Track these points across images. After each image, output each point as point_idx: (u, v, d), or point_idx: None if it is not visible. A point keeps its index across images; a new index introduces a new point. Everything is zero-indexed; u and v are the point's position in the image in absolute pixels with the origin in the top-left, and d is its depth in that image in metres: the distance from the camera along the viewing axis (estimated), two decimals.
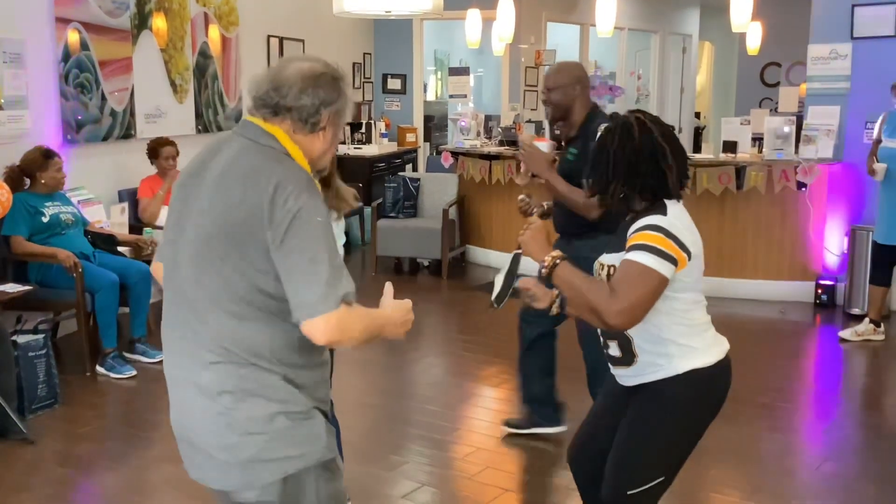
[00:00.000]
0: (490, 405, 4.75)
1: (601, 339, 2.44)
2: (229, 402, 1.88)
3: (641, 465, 2.33)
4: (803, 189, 6.38)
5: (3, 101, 5.15)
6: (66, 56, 5.63)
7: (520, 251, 2.35)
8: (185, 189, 1.98)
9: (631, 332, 2.29)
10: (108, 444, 4.04)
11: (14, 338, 4.26)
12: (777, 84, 11.66)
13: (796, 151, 6.49)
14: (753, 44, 10.80)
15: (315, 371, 1.98)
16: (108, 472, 3.77)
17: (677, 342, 2.29)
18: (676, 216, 2.25)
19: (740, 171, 6.47)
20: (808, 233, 6.50)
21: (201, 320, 1.90)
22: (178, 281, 1.94)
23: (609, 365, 2.45)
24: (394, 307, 2.03)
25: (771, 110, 8.31)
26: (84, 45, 5.77)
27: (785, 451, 4.02)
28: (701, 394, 2.33)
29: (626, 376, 2.38)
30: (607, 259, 2.33)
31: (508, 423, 4.15)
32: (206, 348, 1.89)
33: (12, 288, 4.61)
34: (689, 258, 2.22)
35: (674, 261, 2.18)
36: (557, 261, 2.25)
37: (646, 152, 2.27)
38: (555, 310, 2.53)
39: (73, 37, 5.68)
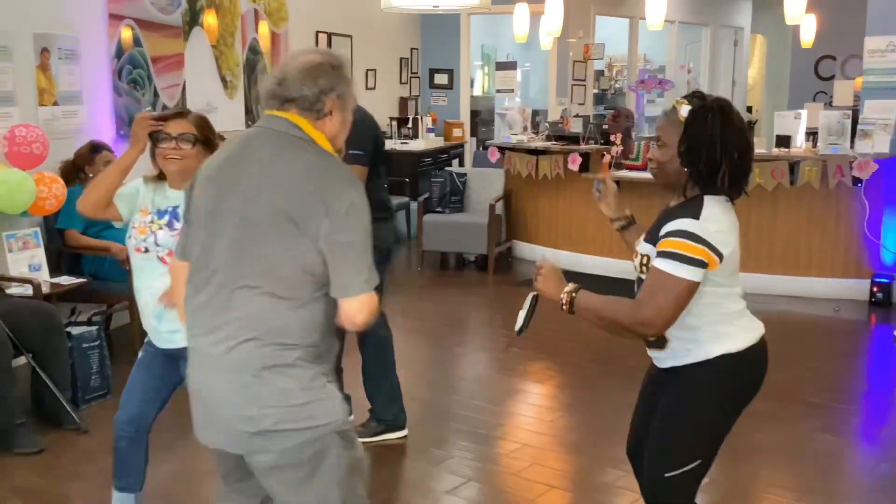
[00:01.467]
0: (535, 401, 4.73)
1: None
2: (252, 378, 2.00)
3: (677, 447, 2.35)
4: (859, 184, 6.23)
5: (58, 96, 5.26)
6: (120, 52, 5.73)
7: (536, 293, 2.41)
8: (216, 182, 2.09)
9: None
10: (159, 435, 4.07)
11: (68, 329, 4.35)
12: (832, 77, 11.39)
13: (852, 146, 6.34)
14: (808, 36, 10.57)
15: (329, 350, 2.13)
16: (159, 462, 3.82)
17: (707, 328, 2.30)
18: (710, 218, 2.22)
19: (794, 166, 6.35)
20: (864, 229, 6.35)
21: (233, 302, 2.01)
22: (211, 266, 2.05)
23: (646, 348, 2.47)
24: None
25: (826, 104, 8.13)
26: (137, 42, 5.87)
27: (838, 452, 3.93)
28: (732, 378, 2.34)
29: (661, 358, 2.40)
30: (642, 248, 2.34)
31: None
32: (234, 327, 2.01)
33: (67, 280, 4.72)
34: (721, 259, 2.21)
35: (703, 263, 2.18)
36: (573, 294, 2.28)
37: (744, 137, 2.26)
38: (617, 224, 2.68)
39: (126, 33, 5.78)
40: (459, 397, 4.65)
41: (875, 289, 6.30)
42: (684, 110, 2.25)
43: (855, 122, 6.41)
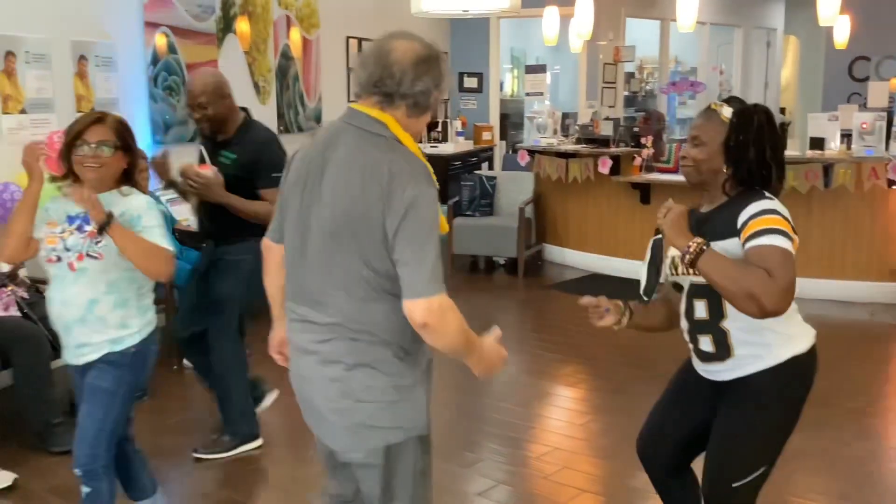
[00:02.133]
0: (566, 404, 4.73)
1: (687, 335, 2.38)
2: (343, 371, 2.05)
3: (748, 457, 2.31)
4: (894, 187, 6.16)
5: (95, 103, 5.35)
6: (155, 59, 5.83)
7: (659, 237, 2.29)
8: (304, 182, 2.09)
9: (728, 326, 2.26)
10: (195, 436, 4.16)
11: None
12: (866, 79, 11.24)
13: (887, 148, 6.26)
14: (841, 37, 10.44)
15: (421, 352, 2.13)
16: (196, 464, 3.88)
17: (776, 330, 2.25)
18: (772, 199, 2.23)
19: (828, 168, 6.28)
20: None
21: (319, 299, 2.07)
22: (300, 268, 2.11)
23: (696, 360, 2.40)
24: (491, 344, 2.22)
25: (860, 106, 8.03)
26: (172, 49, 5.96)
27: (873, 458, 3.89)
28: (801, 380, 2.32)
29: (721, 371, 2.33)
30: (720, 245, 2.21)
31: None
32: (328, 324, 2.06)
33: None
34: (795, 233, 2.19)
35: (792, 238, 2.15)
36: (703, 247, 2.13)
37: (782, 145, 2.29)
38: (625, 322, 2.47)
39: (161, 41, 5.87)
40: (490, 400, 4.67)
41: None
42: (727, 111, 2.25)
43: (890, 123, 6.33)
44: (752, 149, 2.21)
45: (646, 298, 2.34)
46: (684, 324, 2.38)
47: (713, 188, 2.30)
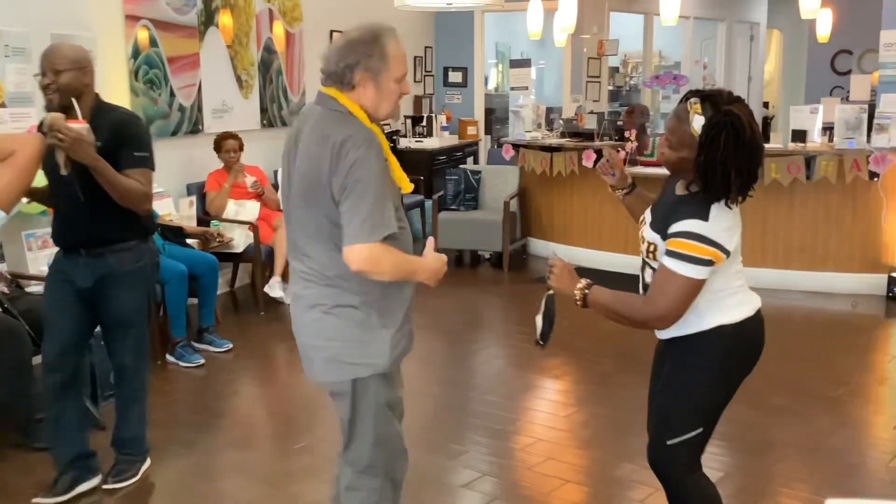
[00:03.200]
0: (550, 396, 4.74)
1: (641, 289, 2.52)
2: (321, 314, 2.41)
3: (678, 416, 2.44)
4: (875, 179, 6.20)
5: None
6: (136, 53, 5.79)
7: (551, 292, 2.47)
8: (288, 154, 2.44)
9: None
10: (177, 431, 4.14)
11: None
12: (848, 72, 11.33)
13: (868, 140, 6.30)
14: (824, 31, 10.50)
15: (392, 299, 2.42)
16: (178, 458, 3.87)
17: (705, 301, 2.37)
18: (718, 218, 2.28)
19: (810, 160, 6.32)
20: (881, 224, 6.31)
21: (303, 252, 2.42)
22: (289, 225, 2.47)
23: None
24: (431, 257, 2.45)
25: (842, 99, 8.08)
26: (153, 42, 5.92)
27: (854, 447, 3.92)
28: (728, 348, 2.40)
29: (664, 330, 2.47)
30: (649, 235, 2.41)
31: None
32: (307, 272, 2.42)
33: None
34: (728, 255, 2.30)
35: (710, 262, 2.27)
36: (587, 290, 2.37)
37: (754, 152, 2.28)
38: (620, 194, 2.80)
39: (142, 34, 5.83)
40: (475, 393, 4.67)
41: (892, 284, 6.26)
42: (697, 123, 2.27)
43: (871, 116, 6.37)
44: (717, 168, 2.24)
45: (542, 343, 2.53)
46: (640, 290, 2.52)
47: (687, 178, 2.38)
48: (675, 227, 2.28)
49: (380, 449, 2.53)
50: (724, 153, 2.23)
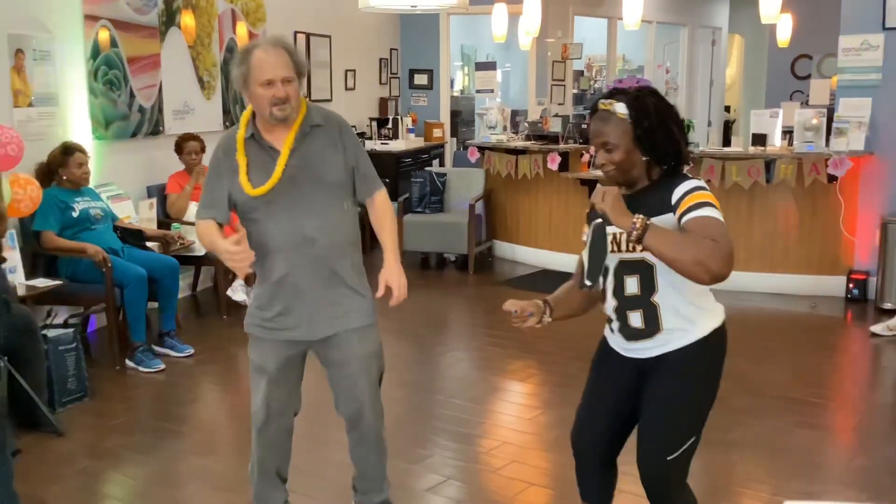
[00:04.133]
0: (516, 399, 4.74)
1: (614, 313, 2.41)
2: None
3: (679, 429, 2.36)
4: (834, 182, 6.30)
5: (33, 98, 5.22)
6: (95, 53, 5.69)
7: (600, 220, 2.23)
8: None
9: (658, 300, 2.31)
10: (137, 437, 4.08)
11: (44, 332, 4.32)
12: (808, 76, 11.49)
13: (827, 144, 6.39)
14: (784, 36, 10.66)
15: (263, 271, 2.84)
16: (137, 465, 3.81)
17: (700, 305, 2.35)
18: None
19: (770, 164, 6.40)
20: (839, 226, 6.41)
21: None
22: None
23: (619, 340, 2.43)
24: (221, 242, 2.69)
25: (802, 103, 8.20)
26: (113, 43, 5.83)
27: (815, 447, 3.97)
28: (720, 351, 2.42)
29: (648, 348, 2.37)
30: (657, 220, 2.27)
31: None
32: None
33: (42, 282, 4.68)
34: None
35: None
36: (647, 223, 2.14)
37: (679, 117, 2.35)
38: (546, 320, 2.51)
39: (102, 34, 5.74)
40: (440, 396, 4.66)
41: (851, 285, 6.36)
42: (621, 108, 2.28)
43: (830, 120, 6.47)
44: (660, 131, 2.28)
45: (589, 283, 2.29)
46: (612, 302, 2.40)
47: (640, 178, 2.36)
48: (679, 192, 2.23)
49: (252, 398, 2.98)
50: (658, 115, 2.28)
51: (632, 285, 2.34)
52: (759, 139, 6.70)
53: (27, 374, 4.03)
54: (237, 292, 6.01)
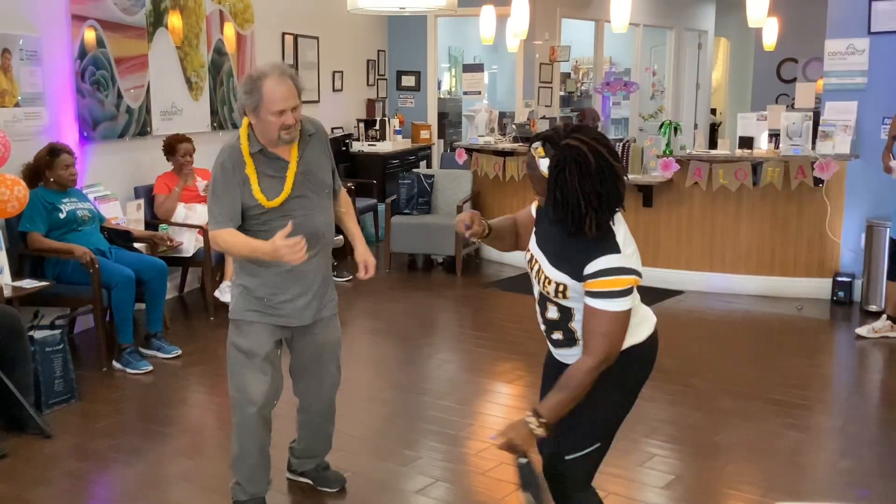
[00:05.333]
0: (504, 401, 4.75)
1: (542, 327, 2.52)
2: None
3: (580, 432, 2.43)
4: (820, 185, 6.34)
5: (20, 98, 5.18)
6: (83, 53, 5.67)
7: (523, 460, 2.35)
8: None
9: (575, 325, 2.40)
10: (125, 439, 4.06)
11: (31, 333, 4.29)
12: (794, 80, 11.58)
13: (813, 147, 6.44)
14: (770, 39, 10.73)
15: (252, 271, 3.07)
16: (125, 467, 3.79)
17: None
18: (625, 244, 2.30)
19: (756, 166, 6.44)
20: (825, 229, 6.46)
21: None
22: None
23: (551, 347, 2.57)
24: (278, 239, 2.84)
25: (787, 106, 8.25)
26: (100, 43, 5.81)
27: (801, 448, 3.99)
28: (632, 368, 2.44)
29: (572, 355, 2.45)
30: (556, 276, 2.34)
31: None
32: None
33: (29, 283, 4.65)
34: (641, 276, 2.32)
35: (632, 290, 2.30)
36: (540, 417, 2.29)
37: (605, 174, 2.25)
38: (482, 240, 2.70)
39: (89, 34, 5.71)
40: (428, 398, 4.66)
41: (836, 287, 6.41)
42: (544, 165, 2.30)
43: (816, 123, 6.52)
44: (572, 199, 2.24)
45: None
46: (539, 318, 2.52)
47: None
48: (591, 268, 2.26)
49: (232, 385, 3.19)
50: (573, 185, 2.23)
51: (552, 311, 2.45)
52: (746, 142, 6.74)
53: (14, 375, 4.02)
54: (225, 293, 5.99)
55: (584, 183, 2.23)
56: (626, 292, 2.27)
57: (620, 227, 2.34)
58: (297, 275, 3.06)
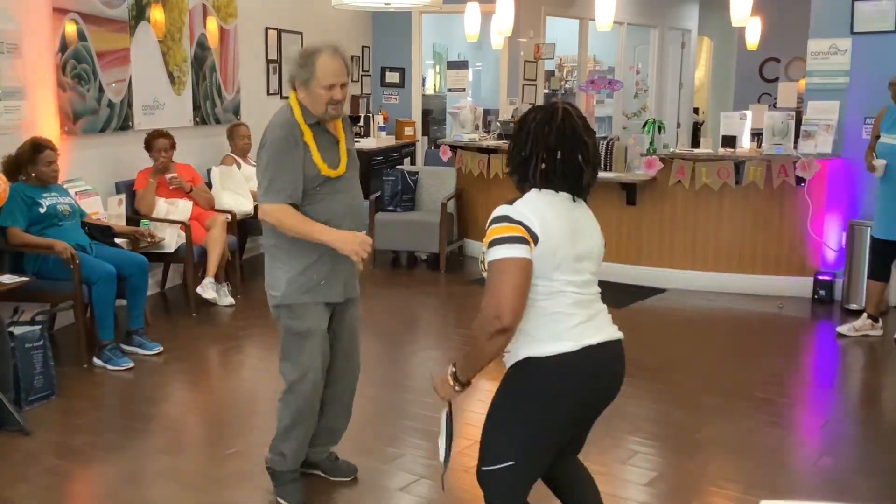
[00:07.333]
0: (487, 398, 4.72)
1: None
2: (268, 258, 3.26)
3: (490, 444, 2.37)
4: (802, 184, 6.38)
5: (0, 91, 5.13)
6: (64, 47, 5.61)
7: (447, 409, 2.43)
8: None
9: None
10: (105, 436, 4.03)
11: (10, 329, 4.25)
12: (776, 79, 11.65)
13: (795, 147, 6.48)
14: (753, 39, 10.78)
15: (297, 249, 3.13)
16: (105, 464, 3.76)
17: (525, 329, 2.25)
18: (524, 201, 2.25)
19: (739, 165, 6.47)
20: (807, 228, 6.50)
21: None
22: None
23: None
24: (348, 233, 3.08)
25: (770, 106, 8.30)
26: (82, 36, 5.75)
27: (782, 446, 4.02)
28: (537, 381, 2.26)
29: (508, 360, 2.39)
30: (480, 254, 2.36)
31: None
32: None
33: (9, 279, 4.59)
34: (536, 241, 2.18)
35: (523, 240, 2.17)
36: (454, 369, 2.34)
37: (566, 134, 2.24)
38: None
39: (70, 27, 5.66)
40: (411, 395, 4.65)
41: (818, 286, 6.46)
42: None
43: (798, 123, 6.56)
44: (525, 147, 2.27)
45: (445, 468, 2.51)
46: None
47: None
48: (489, 220, 2.25)
49: (292, 367, 3.21)
50: (528, 126, 2.27)
51: None
52: (729, 141, 6.77)
53: None
54: (207, 290, 5.96)
55: (540, 127, 2.25)
56: (512, 239, 2.16)
57: (536, 196, 2.26)
58: (339, 253, 3.13)
